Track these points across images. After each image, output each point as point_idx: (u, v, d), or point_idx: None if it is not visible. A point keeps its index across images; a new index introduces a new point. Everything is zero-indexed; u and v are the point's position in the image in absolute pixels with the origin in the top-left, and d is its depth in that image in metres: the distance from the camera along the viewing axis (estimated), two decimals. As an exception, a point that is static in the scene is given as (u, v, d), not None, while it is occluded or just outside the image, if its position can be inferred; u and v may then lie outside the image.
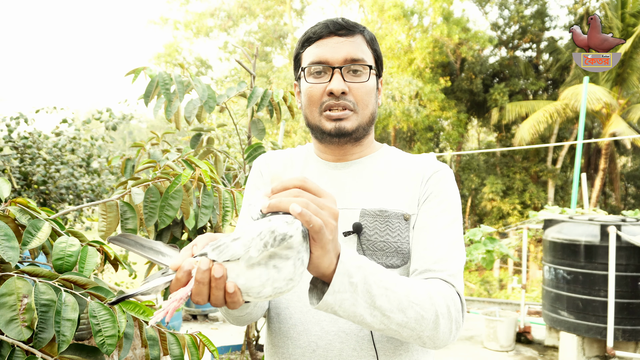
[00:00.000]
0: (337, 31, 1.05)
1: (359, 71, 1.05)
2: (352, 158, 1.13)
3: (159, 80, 2.05)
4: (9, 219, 1.26)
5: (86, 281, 1.17)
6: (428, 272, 0.97)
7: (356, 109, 1.05)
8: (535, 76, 18.21)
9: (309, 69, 1.07)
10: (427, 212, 1.04)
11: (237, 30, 22.23)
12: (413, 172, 1.10)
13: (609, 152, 16.32)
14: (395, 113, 16.16)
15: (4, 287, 1.07)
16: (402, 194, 1.07)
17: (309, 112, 1.09)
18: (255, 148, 2.33)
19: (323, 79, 1.05)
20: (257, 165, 1.23)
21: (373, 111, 1.10)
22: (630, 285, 4.58)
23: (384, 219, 1.02)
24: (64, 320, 1.08)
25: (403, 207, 1.05)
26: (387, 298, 0.82)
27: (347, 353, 0.99)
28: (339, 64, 1.04)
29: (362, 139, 1.12)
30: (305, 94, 1.09)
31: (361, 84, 1.05)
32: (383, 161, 1.14)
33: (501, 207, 16.98)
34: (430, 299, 0.87)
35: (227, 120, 8.38)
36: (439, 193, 1.06)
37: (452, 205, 1.06)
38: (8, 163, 4.49)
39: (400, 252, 1.02)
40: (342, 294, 0.78)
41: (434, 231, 1.01)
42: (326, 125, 1.06)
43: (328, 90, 1.03)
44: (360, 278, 0.79)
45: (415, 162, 1.13)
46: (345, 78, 1.04)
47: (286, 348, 1.04)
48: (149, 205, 1.62)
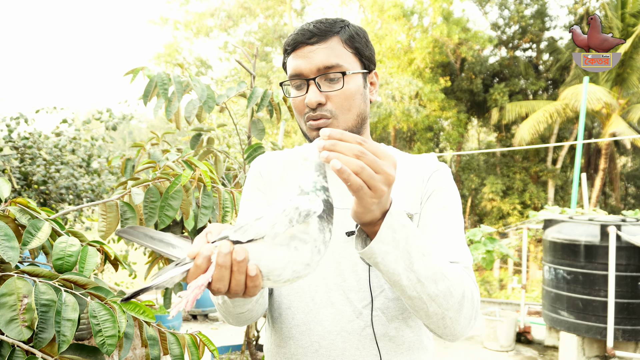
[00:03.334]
0: (308, 40, 1.03)
1: (336, 78, 1.03)
2: None
3: (157, 81, 2.05)
4: (9, 219, 1.26)
5: (86, 281, 1.18)
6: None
7: (335, 115, 1.04)
8: (535, 76, 18.20)
9: (291, 82, 1.08)
10: (432, 208, 1.06)
11: (237, 30, 22.23)
12: (414, 172, 1.11)
13: (609, 152, 16.32)
14: (395, 113, 16.16)
15: (4, 287, 1.07)
16: (405, 193, 1.08)
17: (298, 120, 1.11)
18: (255, 148, 2.33)
19: (302, 91, 1.06)
20: (256, 166, 1.22)
21: (359, 112, 1.07)
22: (630, 285, 4.58)
23: None
24: (64, 321, 1.08)
25: (406, 206, 1.06)
26: (424, 264, 0.84)
27: (349, 352, 0.99)
28: (313, 75, 1.03)
29: None
30: (293, 105, 1.11)
31: (339, 91, 1.03)
32: None
33: (501, 207, 16.98)
34: (460, 279, 0.90)
35: (227, 121, 8.38)
36: (441, 190, 1.08)
37: (455, 201, 1.08)
38: (8, 163, 4.48)
39: None
40: (386, 246, 0.81)
41: (443, 225, 1.03)
42: (311, 133, 1.07)
43: (305, 103, 1.04)
44: (403, 236, 0.82)
45: (415, 161, 1.14)
46: (322, 87, 1.03)
47: (288, 348, 1.05)
48: (149, 205, 1.62)
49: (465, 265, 0.99)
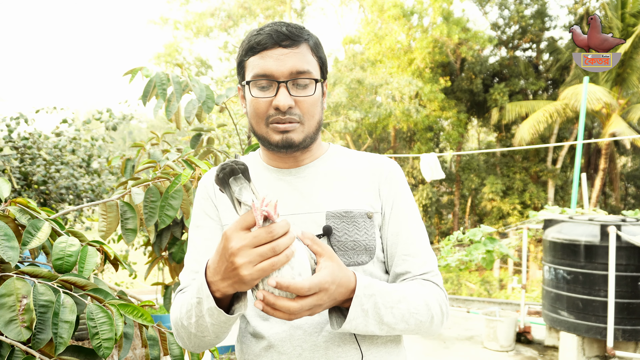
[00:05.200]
0: (281, 42, 1.02)
1: (304, 83, 1.04)
2: (304, 163, 1.14)
3: (156, 81, 2.05)
4: (9, 219, 1.26)
5: (85, 282, 1.17)
6: (416, 277, 1.07)
7: (302, 120, 1.05)
8: (535, 76, 18.20)
9: (254, 82, 1.05)
10: (397, 218, 1.11)
11: (237, 30, 22.22)
12: (368, 170, 1.14)
13: (609, 152, 16.31)
14: (395, 113, 16.15)
15: (3, 288, 1.07)
16: (362, 193, 1.11)
17: (255, 123, 1.08)
18: (255, 148, 2.32)
19: (268, 92, 1.04)
20: (204, 186, 1.16)
21: (319, 119, 1.10)
22: (630, 285, 4.57)
23: (350, 219, 1.06)
24: (62, 322, 1.08)
25: (365, 205, 1.10)
26: (392, 315, 0.95)
27: (333, 350, 1.01)
28: (285, 78, 1.02)
29: (310, 145, 1.13)
30: (251, 105, 1.07)
31: (307, 97, 1.05)
32: (335, 162, 1.16)
33: (501, 207, 16.98)
34: (426, 305, 1.00)
35: (227, 120, 8.38)
36: (402, 195, 1.13)
37: (413, 204, 1.15)
38: (8, 163, 4.48)
39: (368, 249, 1.08)
40: (357, 320, 0.91)
41: (410, 236, 1.10)
42: (273, 136, 1.05)
43: (274, 105, 1.02)
44: (371, 305, 0.92)
45: (366, 160, 1.17)
46: (291, 92, 1.03)
47: (270, 358, 1.04)
48: (149, 205, 1.62)
49: (434, 274, 1.08)
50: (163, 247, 2.25)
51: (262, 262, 0.78)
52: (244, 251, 0.78)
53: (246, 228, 0.80)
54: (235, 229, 0.80)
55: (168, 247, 2.29)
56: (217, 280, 0.84)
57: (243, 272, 0.78)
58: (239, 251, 0.78)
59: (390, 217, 1.11)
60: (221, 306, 0.89)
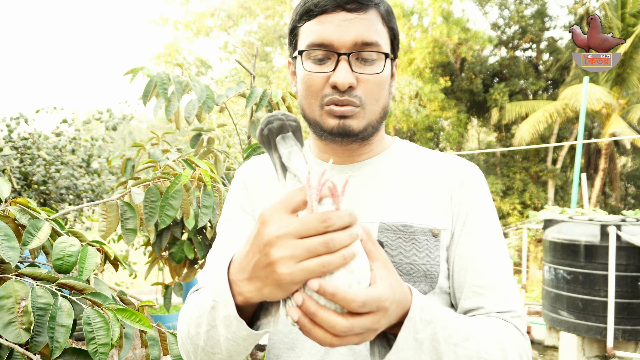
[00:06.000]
0: (345, 4, 0.83)
1: (371, 58, 0.85)
2: (361, 159, 0.94)
3: (156, 81, 2.05)
4: (9, 219, 1.25)
5: (84, 286, 1.17)
6: (491, 315, 0.82)
7: (364, 104, 0.85)
8: (535, 76, 18.21)
9: (308, 52, 0.86)
10: (471, 235, 0.87)
11: (237, 30, 22.23)
12: (439, 175, 0.92)
13: (609, 152, 16.31)
14: (395, 113, 16.16)
15: (2, 290, 1.07)
16: (428, 203, 0.89)
17: (307, 104, 0.89)
18: (255, 148, 2.32)
19: (326, 66, 0.85)
20: (240, 176, 1.00)
21: (385, 105, 0.90)
22: (630, 285, 4.57)
23: (409, 235, 0.85)
24: (58, 326, 1.07)
25: (430, 220, 0.87)
26: (456, 355, 0.68)
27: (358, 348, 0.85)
28: (347, 50, 0.83)
29: (372, 137, 0.92)
30: (303, 82, 0.88)
31: (373, 75, 0.85)
32: (399, 160, 0.95)
33: (501, 207, 16.98)
34: (502, 352, 0.74)
35: (227, 120, 8.38)
36: (479, 208, 0.89)
37: (495, 220, 0.90)
38: (8, 163, 4.48)
39: (429, 276, 0.85)
40: (406, 352, 0.65)
41: (486, 262, 0.85)
42: (328, 122, 0.86)
43: (331, 82, 0.83)
44: (427, 335, 0.66)
45: (440, 160, 0.95)
46: (353, 67, 0.84)
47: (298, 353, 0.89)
48: (149, 205, 1.62)
49: (515, 315, 0.82)
50: (163, 247, 2.26)
51: (309, 260, 0.55)
52: (286, 241, 0.55)
53: (293, 210, 0.58)
54: (277, 209, 0.58)
55: (168, 247, 2.30)
56: (242, 280, 0.62)
57: (281, 269, 0.55)
58: (279, 240, 0.56)
59: (460, 235, 0.87)
60: (243, 317, 0.66)
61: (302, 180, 0.61)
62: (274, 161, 0.66)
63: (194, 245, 2.28)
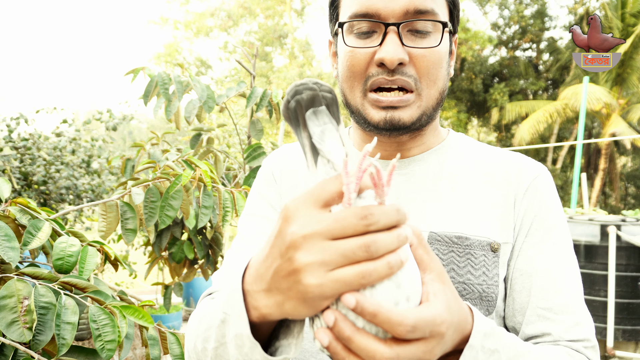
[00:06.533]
0: None
1: (425, 30, 0.71)
2: (411, 154, 0.79)
3: (157, 80, 2.05)
4: (9, 219, 1.26)
5: (86, 284, 1.18)
6: (559, 343, 0.69)
7: (419, 88, 0.71)
8: (535, 76, 18.21)
9: (350, 25, 0.72)
10: (536, 248, 0.73)
11: (237, 30, 22.24)
12: (501, 177, 0.77)
13: (609, 152, 16.32)
14: (395, 113, 16.17)
15: (5, 290, 1.07)
16: (488, 211, 0.75)
17: (348, 87, 0.74)
18: (255, 148, 2.33)
19: (371, 40, 0.71)
20: (269, 166, 0.87)
21: (443, 89, 0.75)
22: (630, 285, 4.58)
23: (464, 249, 0.72)
24: (64, 324, 1.08)
25: (489, 231, 0.73)
26: None
27: None
28: (396, 19, 0.69)
29: (425, 128, 0.78)
30: (344, 61, 0.73)
31: (429, 50, 0.70)
32: (455, 158, 0.80)
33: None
34: None
35: (227, 120, 8.38)
36: (546, 214, 0.75)
37: (564, 229, 0.75)
38: (8, 163, 4.49)
39: (485, 298, 0.71)
40: None
41: (554, 280, 0.71)
42: (372, 114, 0.72)
43: (378, 59, 0.69)
44: None
45: (502, 160, 0.79)
46: (405, 40, 0.70)
47: None
48: (149, 205, 1.62)
49: (589, 345, 0.69)
50: (163, 247, 2.26)
51: (344, 268, 0.42)
52: (315, 243, 0.43)
53: (324, 204, 0.45)
54: (305, 202, 0.45)
55: (168, 247, 2.30)
56: (258, 291, 0.49)
57: (307, 279, 0.42)
58: (306, 241, 0.43)
59: (523, 248, 0.73)
60: (259, 337, 0.53)
61: (337, 166, 0.49)
62: (302, 142, 0.52)
63: (194, 245, 2.28)
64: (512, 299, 0.73)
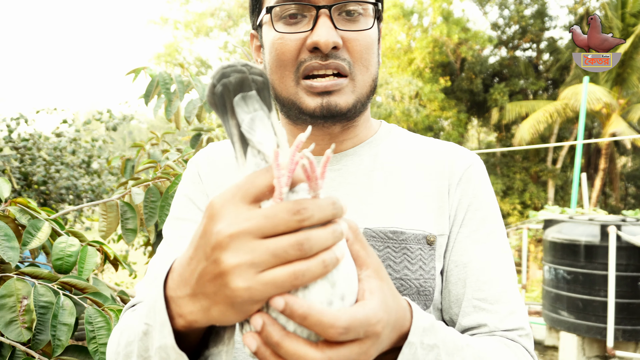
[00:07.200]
0: None
1: (356, 12, 0.69)
2: (344, 147, 0.77)
3: (159, 80, 2.05)
4: (9, 219, 1.26)
5: (85, 285, 1.17)
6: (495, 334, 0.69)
7: (353, 73, 0.69)
8: (535, 76, 18.21)
9: (277, 10, 0.68)
10: (470, 238, 0.72)
11: (237, 30, 22.23)
12: (434, 167, 0.76)
13: (609, 152, 16.32)
14: (395, 113, 16.16)
15: (4, 289, 1.07)
16: (422, 203, 0.73)
17: (278, 79, 0.70)
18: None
19: (301, 26, 0.68)
20: (194, 165, 0.84)
21: (375, 75, 0.73)
22: (630, 285, 4.57)
23: (400, 243, 0.70)
24: (60, 325, 1.08)
25: (424, 224, 0.72)
26: None
27: None
28: (327, 1, 0.67)
29: (358, 118, 0.75)
30: (272, 50, 0.69)
31: (362, 33, 0.69)
32: (388, 150, 0.78)
33: (501, 207, 16.99)
34: None
35: (227, 121, 8.38)
36: (480, 204, 0.74)
37: (497, 218, 0.75)
38: (8, 163, 4.49)
39: (423, 292, 0.70)
40: None
41: (488, 270, 0.71)
42: (307, 101, 0.69)
43: (310, 43, 0.67)
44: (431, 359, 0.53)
45: (435, 150, 0.78)
46: (337, 24, 0.68)
47: None
48: (149, 205, 1.62)
49: (523, 333, 0.69)
50: (163, 247, 2.25)
51: (275, 269, 0.39)
52: (243, 242, 0.39)
53: (254, 199, 0.42)
54: (232, 197, 0.42)
55: (168, 247, 2.29)
56: (183, 297, 0.45)
57: (235, 281, 0.39)
58: (233, 241, 0.40)
59: (457, 239, 0.73)
60: (185, 347, 0.50)
61: (268, 157, 0.44)
62: (230, 131, 0.46)
63: (194, 245, 2.27)
64: (448, 290, 0.73)
